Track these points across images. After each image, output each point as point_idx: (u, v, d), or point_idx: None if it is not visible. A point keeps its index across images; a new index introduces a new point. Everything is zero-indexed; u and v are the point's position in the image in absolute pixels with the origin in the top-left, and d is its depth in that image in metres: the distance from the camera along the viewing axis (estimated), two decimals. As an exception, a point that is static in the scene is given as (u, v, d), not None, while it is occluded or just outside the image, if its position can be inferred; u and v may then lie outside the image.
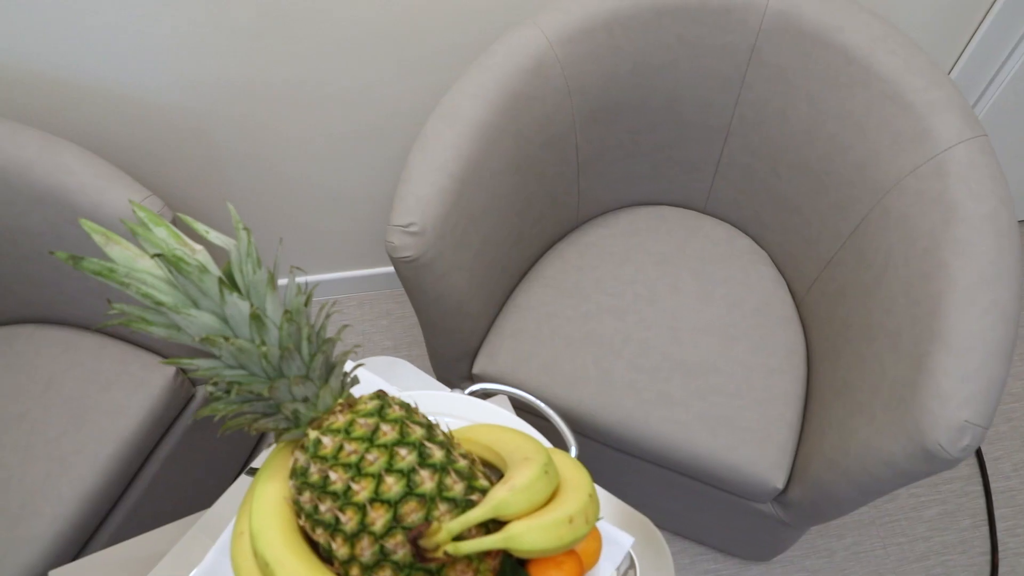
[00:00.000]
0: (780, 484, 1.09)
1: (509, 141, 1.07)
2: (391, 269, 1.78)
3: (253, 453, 1.60)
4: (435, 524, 0.48)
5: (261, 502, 0.57)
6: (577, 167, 1.22)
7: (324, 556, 0.54)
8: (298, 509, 0.55)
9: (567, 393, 1.14)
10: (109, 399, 1.16)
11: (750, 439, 1.10)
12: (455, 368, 1.21)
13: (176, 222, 1.17)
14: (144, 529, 1.24)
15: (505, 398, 0.87)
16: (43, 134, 1.05)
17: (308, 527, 0.54)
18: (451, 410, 0.76)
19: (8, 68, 1.17)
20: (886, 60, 0.99)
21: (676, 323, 1.21)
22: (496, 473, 0.64)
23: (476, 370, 1.19)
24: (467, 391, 0.83)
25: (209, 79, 1.25)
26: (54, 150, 1.04)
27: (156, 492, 1.24)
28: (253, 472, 0.83)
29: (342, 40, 1.22)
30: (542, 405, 0.80)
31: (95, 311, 1.20)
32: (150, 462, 1.22)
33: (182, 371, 1.24)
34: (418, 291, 1.02)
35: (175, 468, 1.28)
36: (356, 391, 0.81)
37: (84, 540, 1.11)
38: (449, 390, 0.81)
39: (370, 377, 0.83)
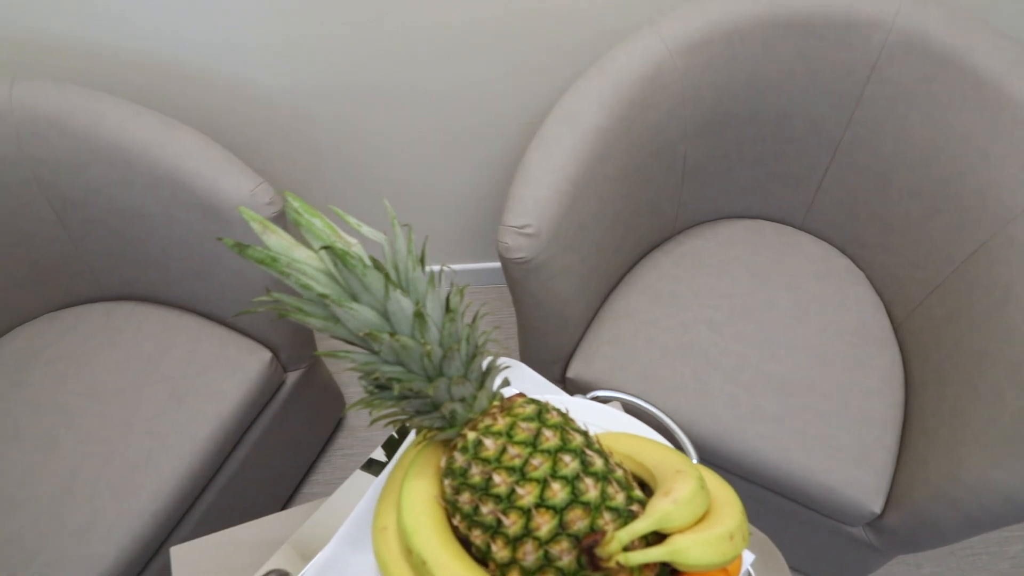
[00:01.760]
0: (877, 509, 1.06)
1: (622, 147, 1.06)
2: (479, 266, 1.78)
3: (332, 439, 1.61)
4: (609, 533, 0.48)
5: (412, 499, 0.57)
6: (681, 176, 1.21)
7: (477, 556, 0.55)
8: (452, 509, 0.55)
9: (663, 402, 1.13)
10: (207, 381, 1.18)
11: (846, 461, 1.08)
12: (547, 371, 1.21)
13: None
14: (229, 512, 1.26)
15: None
16: (164, 118, 1.07)
17: (463, 527, 0.54)
18: (586, 416, 0.75)
19: (134, 53, 1.20)
20: (1022, 86, 0.96)
21: (771, 339, 1.19)
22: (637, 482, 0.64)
23: (570, 374, 1.19)
24: (588, 396, 0.83)
25: (320, 77, 1.28)
26: (174, 134, 1.06)
27: (243, 475, 1.26)
28: (373, 465, 0.83)
29: (453, 40, 1.23)
30: (665, 417, 0.79)
31: (196, 293, 1.23)
32: (241, 445, 1.24)
33: (276, 358, 1.26)
34: (524, 293, 1.02)
35: (262, 452, 1.30)
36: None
37: (179, 517, 1.13)
38: (567, 395, 0.81)
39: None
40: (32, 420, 1.15)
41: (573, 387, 1.21)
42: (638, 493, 0.55)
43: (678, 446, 0.87)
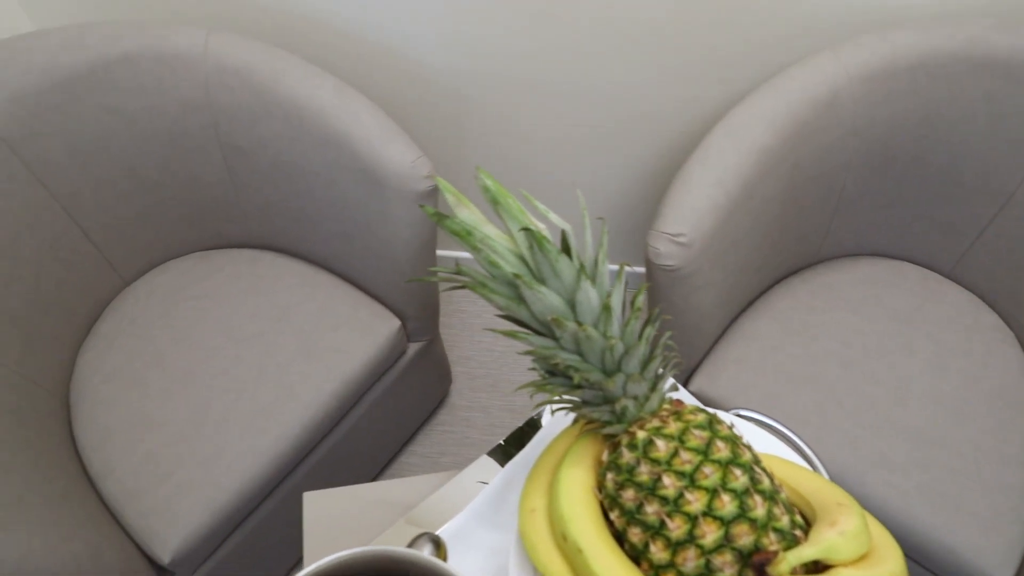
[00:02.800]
0: (999, 581, 1.02)
1: (784, 169, 1.04)
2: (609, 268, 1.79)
3: (433, 414, 1.65)
4: (781, 555, 0.48)
5: (569, 487, 0.58)
6: (835, 207, 1.18)
7: (629, 553, 0.55)
8: (611, 503, 0.56)
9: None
10: (338, 338, 1.23)
11: (975, 525, 1.03)
12: (668, 382, 1.20)
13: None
14: (333, 468, 1.30)
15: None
16: (339, 82, 1.12)
17: (620, 523, 0.55)
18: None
19: (317, 17, 1.25)
20: None
21: (905, 386, 1.15)
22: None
23: (692, 388, 1.18)
24: (731, 413, 0.82)
25: (482, 64, 1.31)
26: (347, 99, 1.10)
27: (353, 435, 1.30)
28: (503, 450, 0.85)
29: (618, 39, 1.24)
30: (810, 453, 0.78)
31: (338, 254, 1.27)
32: (357, 406, 1.28)
33: (403, 327, 1.29)
34: (665, 301, 1.02)
35: (373, 416, 1.34)
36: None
37: (294, 466, 1.18)
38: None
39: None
40: (174, 350, 1.21)
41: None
42: (799, 519, 0.55)
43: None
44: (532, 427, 0.87)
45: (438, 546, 0.64)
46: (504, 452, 0.85)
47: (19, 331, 1.09)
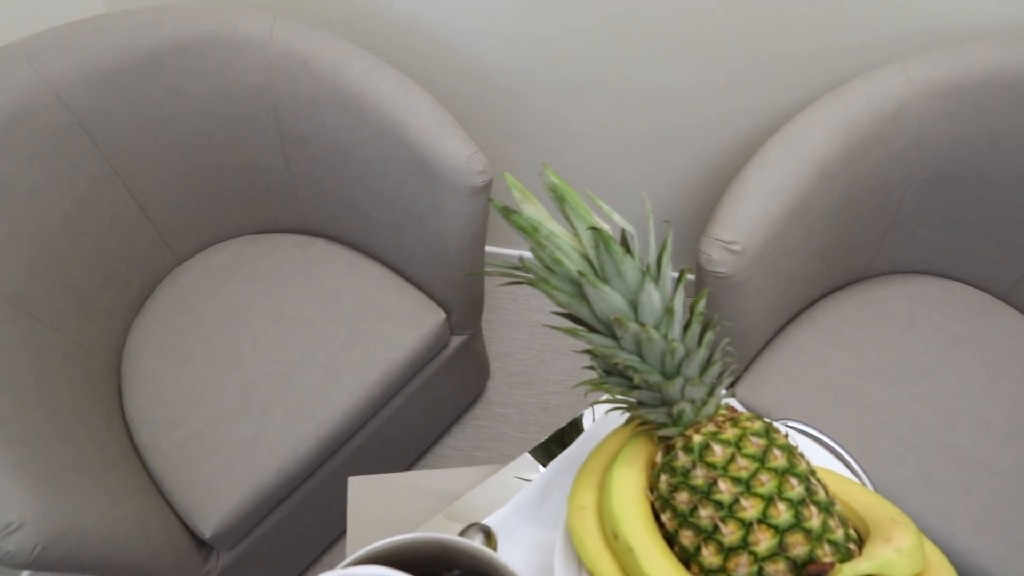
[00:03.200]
0: (1042, 612, 1.00)
1: (841, 181, 1.03)
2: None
3: (469, 408, 1.66)
4: (837, 567, 0.48)
5: (621, 486, 0.58)
6: (891, 222, 1.17)
7: (678, 554, 0.55)
8: (662, 504, 0.56)
9: (826, 448, 1.10)
10: (384, 328, 1.24)
11: (1021, 554, 1.02)
12: (710, 389, 1.20)
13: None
14: (370, 456, 1.32)
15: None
16: (400, 75, 1.13)
17: (672, 525, 0.55)
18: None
19: (367, 9, 1.26)
20: None
21: (954, 408, 1.13)
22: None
23: (735, 398, 1.18)
24: (777, 423, 0.81)
25: (540, 63, 1.31)
26: (407, 92, 1.11)
27: (392, 424, 1.32)
28: (545, 448, 0.85)
29: (678, 42, 1.23)
30: (857, 467, 0.77)
31: (388, 244, 1.29)
32: (398, 396, 1.29)
33: (448, 320, 1.30)
34: (714, 308, 1.01)
35: (412, 407, 1.35)
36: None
37: (334, 451, 1.20)
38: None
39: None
40: (223, 330, 1.24)
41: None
42: (853, 533, 0.55)
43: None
44: (574, 427, 0.88)
45: (488, 536, 0.64)
46: (546, 450, 0.85)
47: (78, 302, 1.12)
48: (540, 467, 0.83)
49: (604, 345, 0.58)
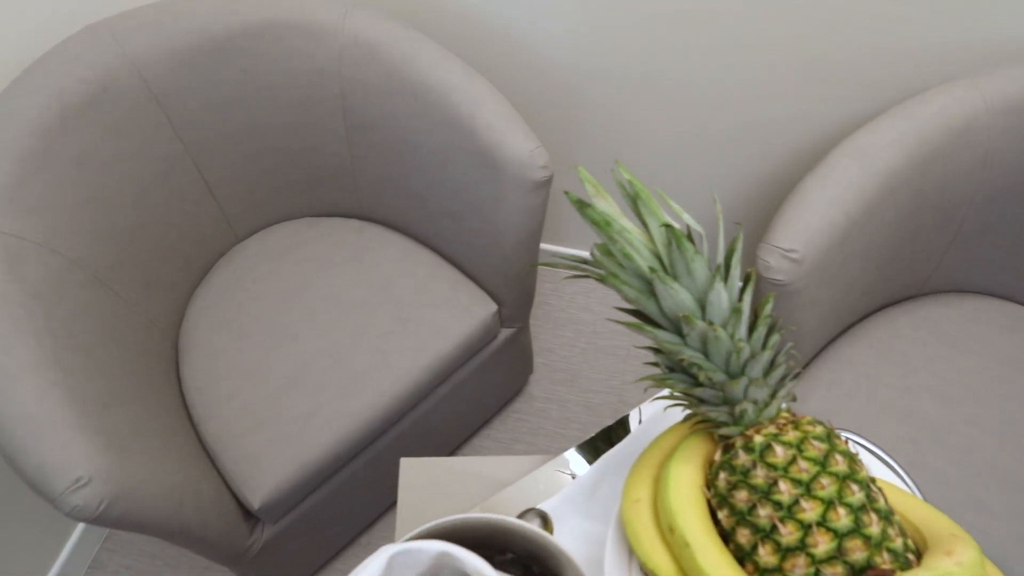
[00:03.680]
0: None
1: (906, 195, 1.02)
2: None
3: (511, 401, 1.67)
4: (898, 574, 0.48)
5: (679, 481, 0.59)
6: (952, 239, 1.15)
7: (733, 552, 0.56)
8: (720, 502, 0.57)
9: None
10: (436, 316, 1.26)
11: (1067, 583, 1.00)
12: (757, 396, 1.20)
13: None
14: (413, 443, 1.34)
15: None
16: (467, 67, 1.14)
17: (729, 523, 0.56)
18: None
19: (436, 1, 1.28)
20: None
21: (1008, 431, 1.12)
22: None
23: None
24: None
25: (602, 60, 1.31)
26: (473, 84, 1.12)
27: (437, 411, 1.34)
28: (592, 445, 0.86)
29: (744, 46, 1.23)
30: (910, 483, 0.77)
31: (443, 233, 1.30)
32: (446, 383, 1.31)
33: (499, 311, 1.32)
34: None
35: (457, 396, 1.36)
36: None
37: (380, 433, 1.22)
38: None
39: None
40: (278, 308, 1.27)
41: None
42: (912, 544, 0.55)
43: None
44: (622, 426, 0.89)
45: (545, 522, 0.66)
46: (593, 447, 0.86)
47: (142, 274, 1.16)
48: (585, 463, 0.84)
49: (670, 341, 0.59)
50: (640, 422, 0.87)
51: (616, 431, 0.88)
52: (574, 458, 0.85)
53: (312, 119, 1.24)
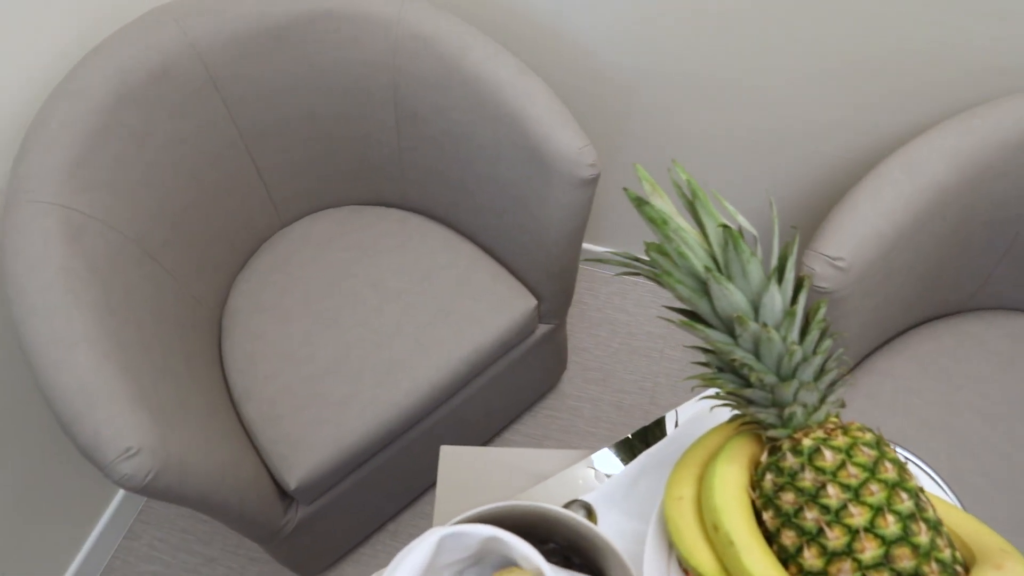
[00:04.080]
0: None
1: (956, 210, 1.01)
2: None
3: (542, 397, 1.68)
4: (948, 583, 0.48)
5: (724, 480, 0.59)
6: (1001, 256, 1.14)
7: (777, 554, 0.56)
8: (765, 503, 0.57)
9: (910, 476, 1.08)
10: (475, 308, 1.27)
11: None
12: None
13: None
14: (446, 433, 1.35)
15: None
16: (520, 62, 1.15)
17: (774, 524, 0.56)
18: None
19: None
20: None
21: (1048, 453, 1.10)
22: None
23: (819, 416, 1.17)
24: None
25: (652, 59, 1.32)
26: (526, 80, 1.13)
27: (471, 403, 1.35)
28: (628, 444, 0.87)
29: (795, 50, 1.22)
30: (954, 497, 0.76)
31: (487, 227, 1.31)
32: (482, 375, 1.32)
33: (538, 307, 1.32)
34: (811, 322, 1.01)
35: (492, 389, 1.37)
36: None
37: (415, 422, 1.23)
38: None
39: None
40: (321, 293, 1.29)
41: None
42: (960, 556, 0.55)
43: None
44: (658, 426, 0.89)
45: (590, 513, 0.66)
46: (628, 447, 0.87)
47: (192, 253, 1.18)
48: (620, 462, 0.85)
49: (722, 341, 0.59)
50: (676, 424, 0.88)
51: (653, 431, 0.88)
52: (608, 456, 0.85)
53: (363, 109, 1.26)
